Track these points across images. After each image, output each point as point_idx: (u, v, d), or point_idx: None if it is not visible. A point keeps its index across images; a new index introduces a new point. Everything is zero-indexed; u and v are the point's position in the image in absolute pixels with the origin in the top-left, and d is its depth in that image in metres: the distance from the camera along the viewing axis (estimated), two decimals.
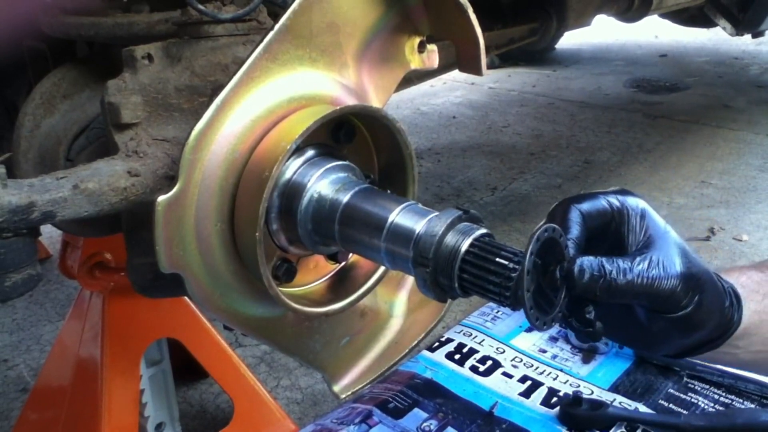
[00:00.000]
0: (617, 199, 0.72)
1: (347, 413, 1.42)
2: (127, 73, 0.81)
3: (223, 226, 0.73)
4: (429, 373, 1.54)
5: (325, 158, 0.78)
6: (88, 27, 0.91)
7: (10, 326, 2.24)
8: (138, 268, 0.86)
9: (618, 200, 0.72)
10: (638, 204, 0.72)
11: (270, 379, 1.93)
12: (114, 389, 1.37)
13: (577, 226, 0.69)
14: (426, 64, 0.90)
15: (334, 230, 0.75)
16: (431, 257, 0.65)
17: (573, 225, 0.69)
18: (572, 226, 0.69)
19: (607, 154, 3.52)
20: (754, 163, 3.31)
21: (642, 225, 0.72)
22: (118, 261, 1.38)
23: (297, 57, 0.76)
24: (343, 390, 0.90)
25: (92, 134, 0.96)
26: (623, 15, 2.94)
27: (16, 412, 1.79)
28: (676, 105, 4.31)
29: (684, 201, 2.95)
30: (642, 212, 0.72)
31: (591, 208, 0.71)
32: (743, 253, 2.51)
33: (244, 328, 0.81)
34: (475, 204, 2.99)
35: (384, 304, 0.93)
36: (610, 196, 0.72)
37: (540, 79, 5.09)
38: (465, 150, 3.68)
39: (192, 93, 0.82)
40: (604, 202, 0.71)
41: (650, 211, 0.73)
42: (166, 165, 0.79)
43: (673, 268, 0.69)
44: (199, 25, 0.82)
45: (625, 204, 0.72)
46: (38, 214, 0.68)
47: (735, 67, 5.17)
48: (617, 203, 0.72)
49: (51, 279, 2.45)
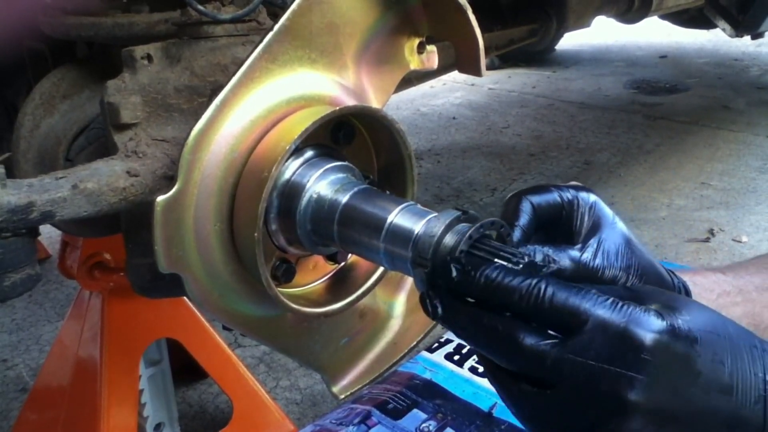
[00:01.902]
0: (569, 192, 0.72)
1: (346, 414, 1.42)
2: (126, 73, 0.81)
3: (222, 227, 0.73)
4: (428, 373, 1.54)
5: (324, 159, 0.78)
6: (88, 27, 0.91)
7: (9, 326, 2.25)
8: (137, 268, 0.86)
9: (570, 193, 0.72)
10: (589, 197, 0.73)
11: (269, 380, 1.94)
12: (113, 389, 1.37)
13: (525, 215, 0.70)
14: (425, 64, 0.90)
15: (333, 231, 0.75)
16: (430, 258, 0.65)
17: (522, 214, 0.70)
18: (521, 215, 0.70)
19: (606, 155, 3.52)
20: (754, 165, 3.32)
21: (590, 216, 0.72)
22: (118, 261, 1.38)
23: (296, 58, 0.76)
24: (342, 390, 0.90)
25: (92, 134, 0.96)
26: (623, 16, 2.95)
27: (15, 412, 1.79)
28: (676, 106, 4.31)
29: (684, 202, 2.95)
30: (591, 204, 0.72)
31: (541, 199, 0.72)
32: (743, 254, 2.51)
33: (243, 329, 0.81)
34: (474, 205, 2.99)
35: (383, 305, 0.93)
36: (563, 190, 0.73)
37: (540, 80, 5.10)
38: (465, 151, 3.68)
39: (191, 93, 0.82)
40: (555, 194, 0.72)
41: (600, 203, 0.73)
42: (166, 165, 0.79)
43: (616, 257, 0.69)
44: (199, 25, 0.82)
45: (576, 196, 0.72)
46: (37, 214, 0.68)
47: (735, 69, 5.18)
48: (568, 195, 0.72)
49: (50, 279, 2.45)
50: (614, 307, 0.57)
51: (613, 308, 0.56)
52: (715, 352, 0.58)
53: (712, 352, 0.57)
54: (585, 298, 0.57)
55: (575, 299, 0.58)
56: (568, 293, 0.58)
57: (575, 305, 0.57)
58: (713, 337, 0.58)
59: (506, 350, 0.60)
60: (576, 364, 0.56)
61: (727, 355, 0.58)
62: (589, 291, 0.58)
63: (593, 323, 0.56)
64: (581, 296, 0.58)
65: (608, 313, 0.56)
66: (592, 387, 0.55)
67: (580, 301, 0.57)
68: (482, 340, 0.63)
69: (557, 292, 0.58)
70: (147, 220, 0.67)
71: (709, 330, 0.58)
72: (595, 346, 0.55)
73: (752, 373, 0.58)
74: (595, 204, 0.72)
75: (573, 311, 0.57)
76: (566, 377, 0.56)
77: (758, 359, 0.59)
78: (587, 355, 0.55)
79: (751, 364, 0.59)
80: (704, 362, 0.57)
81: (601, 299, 0.57)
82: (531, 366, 0.59)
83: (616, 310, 0.56)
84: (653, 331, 0.55)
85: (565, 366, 0.56)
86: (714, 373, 0.57)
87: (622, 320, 0.55)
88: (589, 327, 0.56)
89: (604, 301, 0.57)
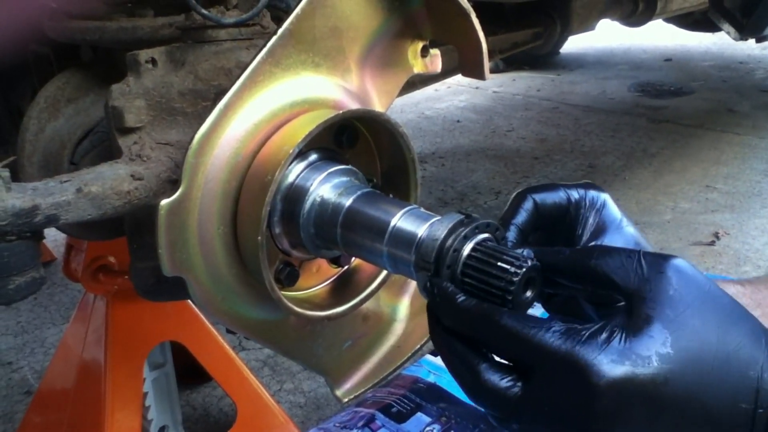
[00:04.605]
0: (577, 192, 0.70)
1: (350, 417, 1.42)
2: (131, 77, 0.81)
3: (226, 230, 0.73)
4: (432, 377, 1.53)
5: (327, 162, 0.78)
6: (93, 31, 0.92)
7: (14, 329, 2.25)
8: (141, 271, 0.86)
9: (578, 192, 0.70)
10: (599, 197, 0.70)
11: (273, 383, 1.94)
12: (117, 392, 1.37)
13: (525, 213, 0.68)
14: (429, 68, 0.90)
15: (337, 234, 0.75)
16: (433, 261, 0.65)
17: (521, 212, 0.68)
18: (520, 213, 0.68)
19: (611, 158, 3.52)
20: (759, 168, 3.31)
21: (596, 217, 0.69)
22: (122, 264, 1.39)
23: (300, 61, 0.76)
24: (346, 394, 0.90)
25: (96, 138, 0.97)
26: (627, 19, 2.95)
27: (20, 415, 1.79)
28: (680, 109, 4.30)
29: (688, 205, 2.94)
30: (600, 205, 0.69)
31: (546, 197, 0.69)
32: (748, 258, 2.50)
33: (246, 332, 0.81)
34: (478, 208, 2.99)
35: (386, 308, 0.93)
36: (572, 189, 0.70)
37: (544, 84, 5.09)
38: (469, 154, 3.68)
39: (195, 97, 0.83)
40: (562, 193, 0.69)
41: (610, 204, 0.70)
42: (170, 169, 0.79)
43: None
44: (203, 29, 0.82)
45: (585, 196, 0.69)
46: (42, 218, 0.68)
47: (740, 72, 5.16)
48: (576, 195, 0.69)
49: (55, 282, 2.46)
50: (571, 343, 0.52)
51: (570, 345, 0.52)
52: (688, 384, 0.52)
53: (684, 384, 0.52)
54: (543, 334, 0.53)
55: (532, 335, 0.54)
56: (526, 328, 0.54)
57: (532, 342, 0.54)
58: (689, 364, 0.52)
59: (468, 383, 0.59)
60: (535, 410, 0.54)
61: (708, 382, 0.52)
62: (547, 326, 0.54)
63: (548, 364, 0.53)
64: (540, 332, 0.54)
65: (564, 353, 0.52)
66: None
67: (538, 337, 0.53)
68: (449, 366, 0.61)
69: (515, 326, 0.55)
70: (151, 223, 0.67)
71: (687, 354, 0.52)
72: (551, 391, 0.53)
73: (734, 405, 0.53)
74: (604, 205, 0.70)
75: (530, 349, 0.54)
76: (527, 422, 0.55)
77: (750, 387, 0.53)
78: (543, 401, 0.53)
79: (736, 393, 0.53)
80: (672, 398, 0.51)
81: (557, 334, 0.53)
82: (494, 406, 0.57)
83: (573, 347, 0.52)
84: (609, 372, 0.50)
85: (525, 411, 0.54)
86: (685, 409, 0.52)
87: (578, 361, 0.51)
88: (544, 368, 0.53)
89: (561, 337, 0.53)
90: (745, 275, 2.31)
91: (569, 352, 0.52)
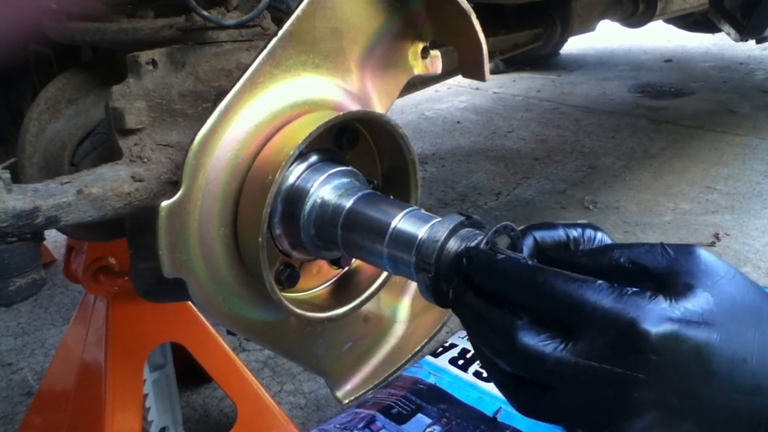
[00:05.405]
0: (575, 231, 0.69)
1: (350, 418, 1.42)
2: (131, 78, 0.81)
3: (226, 231, 0.73)
4: (432, 378, 1.53)
5: (328, 163, 0.78)
6: (93, 32, 0.92)
7: (14, 330, 2.25)
8: (141, 272, 0.86)
9: (576, 231, 0.69)
10: (595, 236, 0.68)
11: (273, 384, 1.93)
12: (117, 393, 1.37)
13: (526, 249, 0.67)
14: (429, 69, 0.90)
15: (337, 235, 0.75)
16: (433, 263, 0.65)
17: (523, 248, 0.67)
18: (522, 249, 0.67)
19: (611, 159, 3.52)
20: (760, 169, 3.30)
21: None
22: (122, 265, 1.39)
23: (300, 62, 0.76)
24: (346, 395, 0.90)
25: (96, 139, 0.97)
26: (627, 20, 2.95)
27: (20, 416, 1.79)
28: (681, 110, 4.30)
29: (689, 206, 2.94)
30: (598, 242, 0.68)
31: (546, 235, 0.68)
32: (749, 259, 2.50)
33: (247, 333, 0.81)
34: (479, 209, 2.99)
35: (387, 310, 0.93)
36: (570, 228, 0.70)
37: (545, 84, 5.09)
38: (469, 155, 3.68)
39: (196, 98, 0.83)
40: (561, 232, 0.69)
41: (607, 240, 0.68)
42: (170, 170, 0.79)
43: None
44: (203, 30, 0.82)
45: (583, 234, 0.69)
46: (42, 219, 0.68)
47: (740, 72, 5.16)
48: (574, 233, 0.69)
49: (56, 283, 2.46)
50: (617, 299, 0.52)
51: (615, 301, 0.52)
52: (736, 349, 0.52)
53: (732, 347, 0.52)
54: (587, 291, 0.53)
55: (576, 291, 0.54)
56: (569, 284, 0.54)
57: (575, 298, 0.53)
58: (735, 328, 0.52)
59: (500, 346, 0.57)
60: (577, 367, 0.53)
61: (753, 350, 0.52)
62: (592, 283, 0.54)
63: (594, 320, 0.52)
64: (583, 288, 0.54)
65: (610, 308, 0.52)
66: (594, 390, 0.53)
67: (581, 293, 0.53)
68: (480, 336, 0.60)
69: (558, 283, 0.55)
70: (151, 224, 0.67)
71: (732, 317, 0.52)
72: (596, 346, 0.52)
73: None
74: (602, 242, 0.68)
75: (573, 305, 0.54)
76: (567, 381, 0.54)
77: None
78: (589, 356, 0.52)
79: None
80: (721, 361, 0.51)
81: (603, 290, 0.53)
82: (529, 368, 0.56)
83: (620, 302, 0.52)
84: (659, 326, 0.50)
85: (566, 369, 0.53)
86: (733, 372, 0.52)
87: (625, 315, 0.51)
88: (589, 324, 0.53)
89: (607, 292, 0.53)
90: None
91: (619, 307, 0.52)
